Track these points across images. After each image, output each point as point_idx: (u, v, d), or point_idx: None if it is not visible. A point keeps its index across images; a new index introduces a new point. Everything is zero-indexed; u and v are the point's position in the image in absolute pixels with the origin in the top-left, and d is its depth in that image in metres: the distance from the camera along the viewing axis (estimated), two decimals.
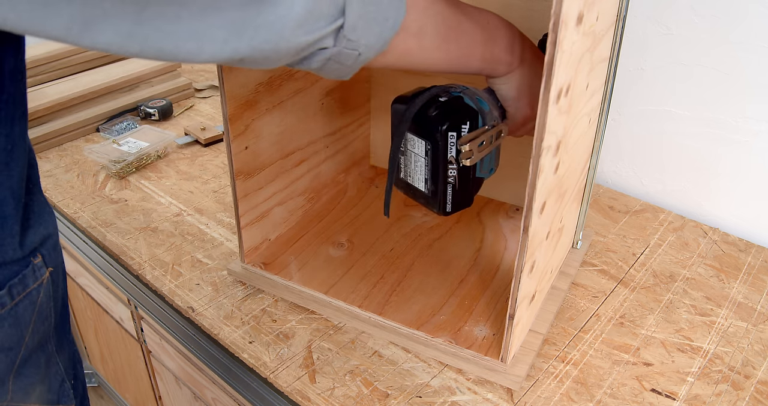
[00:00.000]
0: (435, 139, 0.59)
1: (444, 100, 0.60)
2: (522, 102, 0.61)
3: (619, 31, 0.68)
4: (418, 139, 0.61)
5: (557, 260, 0.78)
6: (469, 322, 0.71)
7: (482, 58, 0.55)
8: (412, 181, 0.64)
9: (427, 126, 0.59)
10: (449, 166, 0.61)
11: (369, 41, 0.44)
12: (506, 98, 0.61)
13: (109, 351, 1.36)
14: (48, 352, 0.56)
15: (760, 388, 0.68)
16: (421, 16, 0.48)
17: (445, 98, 0.60)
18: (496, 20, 0.56)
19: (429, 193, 0.63)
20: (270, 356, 0.71)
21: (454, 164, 0.61)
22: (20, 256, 0.49)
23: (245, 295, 0.79)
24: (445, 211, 0.64)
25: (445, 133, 0.59)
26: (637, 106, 0.98)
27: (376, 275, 0.79)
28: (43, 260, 0.51)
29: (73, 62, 1.25)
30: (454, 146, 0.60)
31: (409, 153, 0.63)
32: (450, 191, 0.63)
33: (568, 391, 0.67)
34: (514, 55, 0.58)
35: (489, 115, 0.61)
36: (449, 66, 0.53)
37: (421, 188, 0.64)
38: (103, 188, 1.02)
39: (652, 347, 0.72)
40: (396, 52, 0.47)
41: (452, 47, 0.52)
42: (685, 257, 0.87)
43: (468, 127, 0.60)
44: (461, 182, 0.63)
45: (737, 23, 0.84)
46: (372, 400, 0.66)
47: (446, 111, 0.59)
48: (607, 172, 1.06)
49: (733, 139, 0.91)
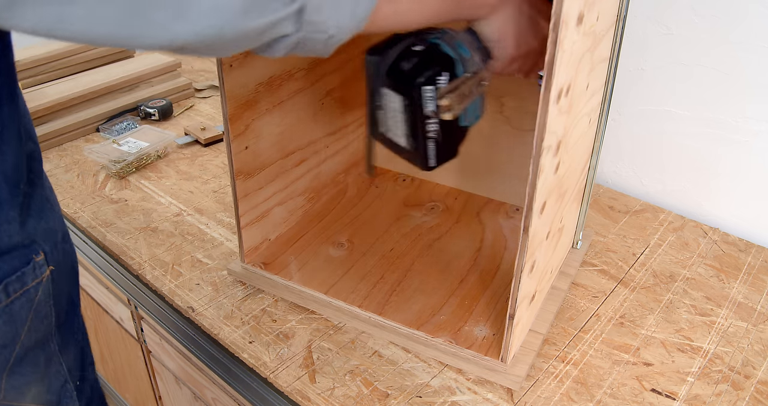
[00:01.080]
0: (411, 95, 0.56)
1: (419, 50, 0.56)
2: (508, 42, 0.58)
3: (619, 31, 0.68)
4: (393, 93, 0.57)
5: (557, 260, 0.78)
6: (469, 322, 0.71)
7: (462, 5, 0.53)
8: (393, 137, 0.61)
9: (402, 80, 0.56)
10: (428, 120, 0.57)
11: (341, 22, 0.41)
12: (489, 39, 0.58)
13: (109, 351, 1.36)
14: (49, 351, 0.55)
15: (760, 388, 0.68)
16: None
17: (420, 47, 0.56)
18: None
19: (410, 148, 0.60)
20: (270, 356, 0.71)
21: (434, 118, 0.57)
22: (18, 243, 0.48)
23: (245, 295, 0.79)
24: (428, 166, 0.61)
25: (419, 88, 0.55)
26: (637, 106, 0.98)
27: (376, 275, 0.79)
28: (45, 258, 0.51)
29: (73, 62, 1.25)
30: (432, 100, 0.56)
31: (387, 108, 0.59)
32: (432, 146, 0.59)
33: (568, 391, 0.67)
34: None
35: (469, 61, 0.58)
36: (430, 21, 0.51)
37: (402, 144, 0.61)
38: (103, 188, 1.02)
39: (652, 347, 0.72)
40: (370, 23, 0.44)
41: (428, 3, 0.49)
42: (685, 257, 0.87)
43: (447, 78, 0.56)
44: (444, 136, 0.59)
45: (737, 23, 0.84)
46: (372, 400, 0.66)
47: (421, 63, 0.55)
48: (607, 172, 1.06)
49: (733, 139, 0.91)
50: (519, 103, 0.84)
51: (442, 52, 0.56)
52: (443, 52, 0.56)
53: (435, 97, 0.56)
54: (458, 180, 0.97)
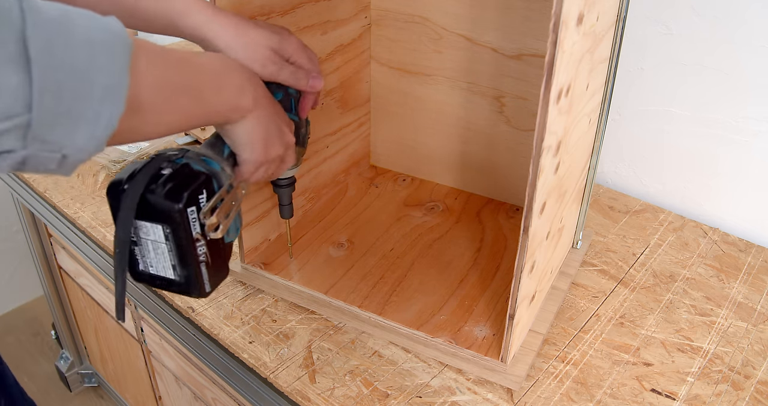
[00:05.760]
0: (174, 221, 0.52)
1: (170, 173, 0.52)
2: (257, 145, 0.56)
3: (619, 31, 0.68)
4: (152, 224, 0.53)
5: (557, 260, 0.78)
6: (469, 322, 0.71)
7: (214, 112, 0.50)
8: (157, 271, 0.56)
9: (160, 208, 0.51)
10: (197, 244, 0.54)
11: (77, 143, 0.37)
12: (239, 143, 0.56)
13: (109, 351, 1.36)
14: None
15: (760, 388, 0.68)
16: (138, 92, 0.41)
17: (170, 170, 0.52)
18: (222, 65, 0.52)
19: (182, 279, 0.56)
20: (270, 356, 0.71)
21: (202, 240, 0.54)
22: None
23: (245, 295, 0.79)
24: (204, 292, 0.57)
25: (183, 211, 0.51)
26: (637, 107, 0.98)
27: (376, 275, 0.79)
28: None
29: None
30: (197, 221, 0.53)
31: (144, 242, 0.54)
32: (205, 270, 0.56)
33: (568, 391, 0.67)
34: (247, 98, 0.53)
35: (222, 174, 0.55)
36: (182, 128, 0.48)
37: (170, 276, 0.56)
38: (103, 188, 1.02)
39: (652, 347, 0.72)
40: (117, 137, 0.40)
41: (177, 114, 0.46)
42: (685, 257, 0.87)
43: (205, 196, 0.53)
44: (213, 256, 0.56)
45: (737, 23, 0.84)
46: (372, 400, 0.66)
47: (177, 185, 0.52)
48: (607, 172, 1.06)
49: (733, 139, 0.91)
50: (519, 103, 0.84)
51: (194, 170, 0.53)
52: (196, 170, 0.54)
53: (198, 218, 0.53)
54: (458, 180, 0.97)
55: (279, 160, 0.60)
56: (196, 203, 0.52)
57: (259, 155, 0.57)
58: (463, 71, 0.87)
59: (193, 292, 0.56)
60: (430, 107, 0.92)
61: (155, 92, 0.42)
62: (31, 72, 0.33)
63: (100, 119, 0.37)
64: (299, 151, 0.71)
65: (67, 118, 0.35)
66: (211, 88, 0.49)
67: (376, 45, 0.92)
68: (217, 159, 0.56)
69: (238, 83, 0.52)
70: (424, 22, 0.87)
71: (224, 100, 0.51)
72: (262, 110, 0.55)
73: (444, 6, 0.84)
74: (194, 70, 0.48)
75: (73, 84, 0.35)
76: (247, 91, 0.53)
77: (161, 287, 0.57)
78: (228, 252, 0.59)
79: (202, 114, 0.49)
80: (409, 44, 0.89)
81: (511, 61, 0.82)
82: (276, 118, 0.57)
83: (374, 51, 0.93)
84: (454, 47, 0.86)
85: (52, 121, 0.35)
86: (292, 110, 0.67)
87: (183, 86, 0.46)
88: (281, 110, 0.60)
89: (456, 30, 0.84)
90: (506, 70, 0.83)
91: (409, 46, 0.90)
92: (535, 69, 0.81)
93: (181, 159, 0.54)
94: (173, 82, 0.45)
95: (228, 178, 0.56)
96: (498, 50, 0.82)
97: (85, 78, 0.36)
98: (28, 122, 0.34)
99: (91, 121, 0.36)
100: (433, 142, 0.95)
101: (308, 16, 0.77)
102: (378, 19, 0.90)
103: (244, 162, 0.57)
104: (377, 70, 0.94)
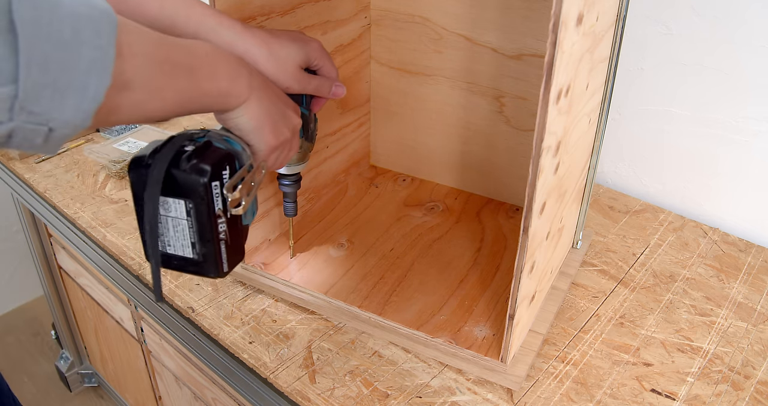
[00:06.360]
0: (198, 195, 0.52)
1: (193, 149, 0.53)
2: (264, 131, 0.56)
3: (619, 31, 0.68)
4: (174, 200, 0.53)
5: (557, 260, 0.78)
6: (469, 322, 0.71)
7: (208, 95, 0.50)
8: (175, 250, 0.56)
9: (184, 182, 0.52)
10: (218, 220, 0.54)
11: (64, 115, 0.37)
12: (246, 131, 0.56)
13: (109, 351, 1.36)
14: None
15: (760, 388, 0.68)
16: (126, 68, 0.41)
17: (192, 147, 0.53)
18: (213, 52, 0.51)
19: (200, 257, 0.56)
20: (270, 357, 0.71)
21: (223, 217, 0.54)
22: None
23: (245, 295, 0.79)
24: (223, 272, 0.57)
25: (208, 185, 0.52)
26: (637, 106, 0.98)
27: (376, 275, 0.79)
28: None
29: None
30: (219, 197, 0.53)
31: (164, 219, 0.54)
32: (224, 248, 0.56)
33: (568, 391, 0.67)
34: (242, 83, 0.53)
35: (243, 153, 0.56)
36: (173, 112, 0.48)
37: (188, 255, 0.56)
38: (103, 188, 1.02)
39: (652, 347, 0.72)
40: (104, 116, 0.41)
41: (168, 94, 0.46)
42: (685, 257, 0.87)
43: (228, 173, 0.54)
44: (232, 236, 0.56)
45: (737, 23, 0.84)
46: (372, 400, 0.66)
47: (201, 160, 0.52)
48: (607, 172, 1.06)
49: (733, 139, 0.91)
50: (519, 103, 0.84)
51: (216, 147, 0.54)
52: (218, 147, 0.54)
53: (221, 193, 0.53)
54: (458, 180, 0.97)
55: (288, 144, 0.60)
56: (220, 178, 0.53)
57: (269, 140, 0.57)
58: (463, 71, 0.87)
59: (210, 271, 0.56)
60: (430, 107, 0.92)
61: (144, 69, 0.42)
62: (18, 43, 0.34)
63: (86, 91, 0.37)
64: (307, 146, 0.71)
65: (54, 90, 0.35)
66: (202, 69, 0.49)
67: (376, 45, 0.92)
68: (237, 139, 0.56)
69: (231, 68, 0.53)
70: (424, 22, 0.87)
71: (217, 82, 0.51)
72: (260, 94, 0.55)
73: (444, 6, 0.84)
74: (185, 51, 0.48)
75: (60, 55, 0.35)
76: (242, 77, 0.53)
77: (177, 268, 0.57)
78: (245, 235, 0.60)
79: (195, 96, 0.49)
80: (409, 44, 0.89)
81: (510, 61, 0.82)
82: (277, 102, 0.58)
83: (374, 51, 0.93)
84: (454, 47, 0.86)
85: (38, 93, 0.35)
86: (303, 104, 0.67)
87: (173, 65, 0.46)
88: (282, 94, 0.60)
89: (456, 30, 0.85)
90: (506, 70, 0.83)
91: (409, 46, 0.90)
92: (535, 69, 0.81)
93: (202, 138, 0.54)
94: (163, 60, 0.44)
95: (248, 158, 0.57)
96: (498, 50, 0.82)
97: (72, 49, 0.36)
98: (14, 93, 0.34)
99: (78, 92, 0.37)
100: (433, 142, 0.95)
101: (308, 16, 0.77)
102: (378, 19, 0.90)
103: (257, 151, 0.58)
104: (377, 70, 0.94)
